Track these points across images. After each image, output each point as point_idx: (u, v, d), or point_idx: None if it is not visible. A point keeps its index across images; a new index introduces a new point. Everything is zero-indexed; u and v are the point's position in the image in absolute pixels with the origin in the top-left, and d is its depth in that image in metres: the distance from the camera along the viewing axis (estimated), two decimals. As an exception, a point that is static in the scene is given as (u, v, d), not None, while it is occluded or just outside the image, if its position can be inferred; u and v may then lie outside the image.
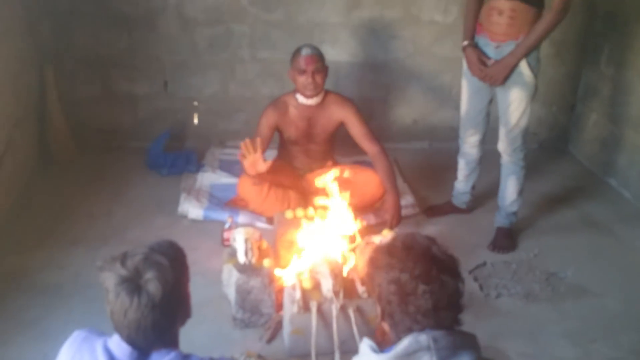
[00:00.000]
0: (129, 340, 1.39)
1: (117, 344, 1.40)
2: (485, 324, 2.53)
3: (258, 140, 2.95)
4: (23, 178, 3.48)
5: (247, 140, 2.91)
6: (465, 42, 2.97)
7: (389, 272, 1.38)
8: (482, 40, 2.94)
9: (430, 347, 1.31)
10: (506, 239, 3.17)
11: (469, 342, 1.38)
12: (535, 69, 2.88)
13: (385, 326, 1.46)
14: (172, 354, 1.40)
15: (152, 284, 1.34)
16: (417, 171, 3.99)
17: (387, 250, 1.43)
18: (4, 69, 3.25)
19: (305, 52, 3.10)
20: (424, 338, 1.32)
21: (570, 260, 3.07)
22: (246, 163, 2.96)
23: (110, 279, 1.36)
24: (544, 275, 2.94)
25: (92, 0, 3.78)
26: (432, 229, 3.29)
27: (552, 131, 4.46)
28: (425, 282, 1.34)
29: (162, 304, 1.36)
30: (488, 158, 3.34)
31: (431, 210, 3.47)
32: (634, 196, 3.70)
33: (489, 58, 2.92)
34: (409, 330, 1.36)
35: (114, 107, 4.05)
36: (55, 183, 3.61)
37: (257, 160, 2.95)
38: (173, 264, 1.40)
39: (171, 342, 1.46)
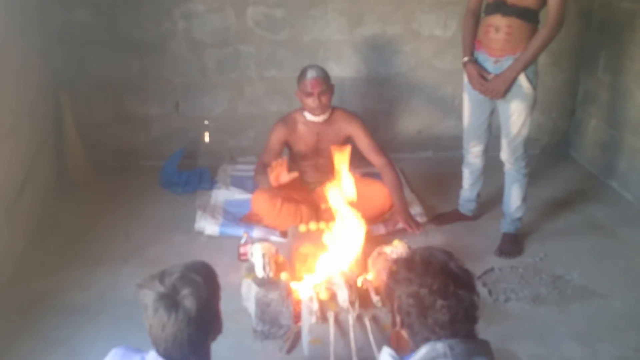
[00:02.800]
0: (166, 354, 1.51)
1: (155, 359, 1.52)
2: (496, 327, 2.63)
3: (285, 159, 3.13)
4: (43, 202, 3.60)
5: (279, 160, 3.11)
6: (466, 58, 3.09)
7: (409, 286, 1.49)
8: (481, 56, 3.06)
9: (447, 354, 1.42)
10: (512, 244, 3.28)
11: (483, 348, 1.49)
12: (533, 82, 3.00)
13: (404, 334, 1.57)
14: (206, 367, 1.52)
15: (188, 300, 1.46)
16: (423, 180, 4.10)
17: (406, 264, 1.53)
18: (23, 98, 3.38)
19: (310, 75, 3.22)
20: (440, 346, 1.43)
21: (576, 262, 3.17)
22: (272, 176, 3.10)
23: (149, 296, 1.48)
24: (551, 278, 3.04)
25: (104, 28, 3.93)
26: (440, 236, 3.40)
27: (553, 137, 4.57)
28: (443, 297, 1.45)
29: (197, 319, 1.47)
30: (492, 165, 3.46)
31: (438, 219, 3.58)
32: (635, 198, 3.80)
33: (488, 73, 3.04)
34: (427, 340, 1.46)
35: (127, 128, 4.18)
36: (74, 205, 3.73)
37: (281, 172, 3.10)
38: (207, 281, 1.53)
39: (204, 356, 1.57)
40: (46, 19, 3.80)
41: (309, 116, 3.32)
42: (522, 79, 2.97)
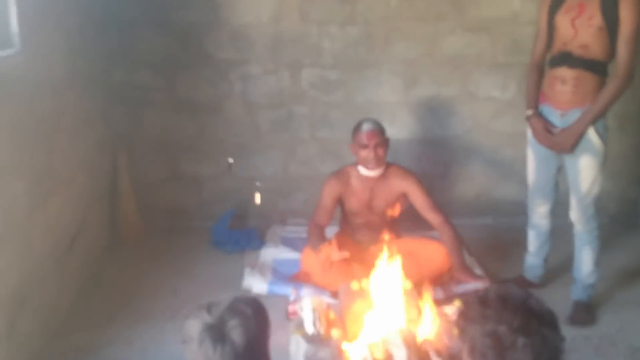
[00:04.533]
0: (209, 390, 1.37)
1: (200, 399, 1.37)
2: None
3: (334, 241, 3.08)
4: (94, 257, 3.58)
5: (326, 242, 3.08)
6: (530, 112, 2.98)
7: (484, 324, 1.31)
8: (547, 109, 2.94)
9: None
10: (584, 313, 3.01)
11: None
12: (604, 137, 2.85)
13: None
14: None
15: (236, 332, 1.34)
16: (482, 246, 3.88)
17: (481, 301, 1.36)
18: (83, 155, 3.44)
19: (366, 127, 3.17)
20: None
21: (657, 335, 2.87)
22: (322, 256, 3.03)
23: (194, 326, 1.36)
24: (630, 350, 2.75)
25: (163, 89, 4.02)
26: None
27: (622, 206, 4.31)
28: (525, 335, 1.27)
29: (245, 354, 1.34)
30: (559, 234, 3.26)
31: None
32: None
33: (554, 126, 2.91)
34: (507, 384, 1.27)
35: (180, 188, 4.19)
36: (124, 262, 3.70)
37: (332, 252, 3.03)
38: (256, 315, 1.40)
39: (251, 397, 1.42)
40: (108, 78, 3.92)
41: (363, 171, 3.23)
42: (592, 133, 2.82)
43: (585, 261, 3.03)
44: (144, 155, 4.10)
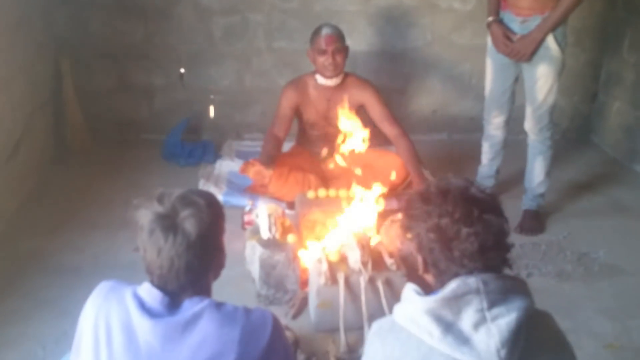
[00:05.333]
0: (160, 283, 1.33)
1: (148, 291, 1.34)
2: None
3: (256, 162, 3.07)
4: (39, 166, 3.45)
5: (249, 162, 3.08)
6: (490, 18, 2.91)
7: (427, 219, 1.29)
8: (507, 16, 2.88)
9: (480, 290, 1.22)
10: (534, 221, 3.08)
11: (520, 287, 1.29)
12: (562, 45, 2.82)
13: (429, 278, 1.37)
14: (206, 302, 1.33)
15: (188, 222, 1.29)
16: (437, 162, 3.89)
17: (422, 197, 1.33)
18: (20, 57, 3.23)
19: (325, 31, 3.05)
20: (472, 280, 1.23)
21: (601, 241, 2.97)
22: (251, 175, 3.03)
23: (145, 217, 1.31)
24: (576, 255, 2.85)
25: (108, -10, 3.77)
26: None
27: (574, 121, 4.37)
28: (467, 225, 1.25)
29: (197, 245, 1.30)
30: (513, 148, 3.29)
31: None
32: (662, 181, 3.61)
33: (514, 34, 2.86)
34: (456, 276, 1.27)
35: (129, 98, 4.01)
36: (72, 172, 3.57)
37: (259, 171, 3.03)
38: (209, 205, 1.35)
39: (204, 291, 1.39)
40: (48, -24, 3.65)
41: (320, 79, 3.14)
42: (551, 41, 2.79)
43: (536, 171, 3.08)
44: (89, 63, 3.88)
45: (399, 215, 2.60)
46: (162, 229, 1.30)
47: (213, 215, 1.37)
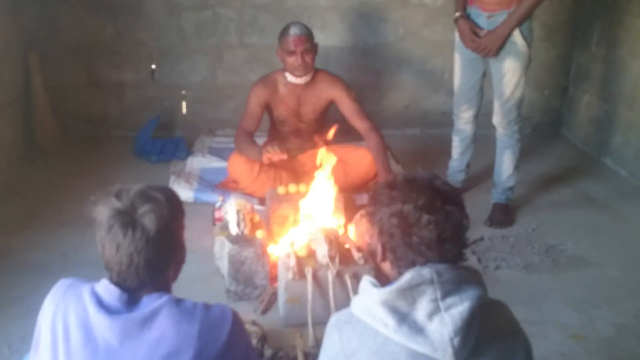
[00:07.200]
0: (119, 280, 1.32)
1: (105, 288, 1.32)
2: None
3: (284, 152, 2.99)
4: (8, 164, 3.40)
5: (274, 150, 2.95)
6: (457, 14, 2.93)
7: (391, 204, 1.31)
8: (474, 11, 2.91)
9: (434, 280, 1.24)
10: (503, 214, 3.12)
11: (474, 277, 1.31)
12: (528, 39, 2.85)
13: (386, 266, 1.39)
14: (165, 298, 1.32)
15: (147, 217, 1.28)
16: (410, 156, 3.92)
17: (389, 184, 1.36)
18: (-14, 52, 3.18)
19: (293, 32, 3.03)
20: (427, 271, 1.25)
21: (569, 234, 3.02)
22: (265, 157, 2.97)
23: (103, 213, 1.29)
24: (544, 247, 2.89)
25: (77, -15, 3.73)
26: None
27: (545, 115, 4.43)
28: (429, 212, 1.28)
29: (156, 240, 1.29)
30: (483, 143, 3.31)
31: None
32: (630, 174, 3.66)
33: (481, 29, 2.89)
34: (412, 264, 1.29)
35: (100, 95, 3.98)
36: (42, 170, 3.53)
37: (274, 154, 2.96)
38: (169, 201, 1.34)
39: (163, 287, 1.38)
40: (15, -29, 3.59)
41: (290, 77, 3.12)
42: (517, 36, 2.82)
43: (505, 165, 3.11)
44: (58, 59, 3.84)
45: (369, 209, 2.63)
46: (121, 225, 1.29)
47: (173, 211, 1.36)
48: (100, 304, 1.31)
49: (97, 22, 3.82)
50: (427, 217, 1.27)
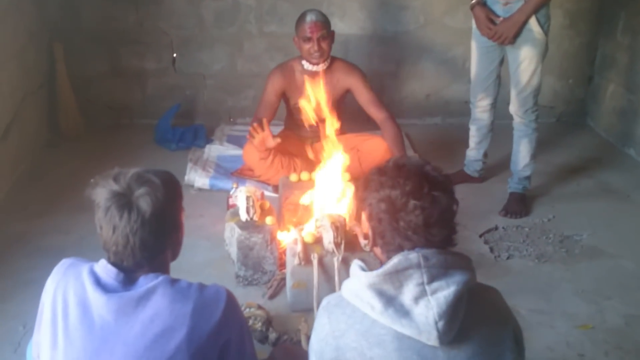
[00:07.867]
0: (116, 260, 1.37)
1: (103, 267, 1.37)
2: (495, 282, 2.37)
3: (264, 121, 2.96)
4: (31, 151, 3.49)
5: (255, 125, 2.94)
6: (474, 1, 2.90)
7: (380, 190, 1.33)
8: (491, -1, 2.87)
9: (421, 264, 1.25)
10: (519, 204, 3.08)
11: (462, 262, 1.31)
12: (545, 26, 2.81)
13: (377, 251, 1.41)
14: (161, 278, 1.36)
15: (143, 199, 1.33)
16: (429, 146, 3.90)
17: (378, 170, 1.38)
18: (11, 42, 3.26)
19: (310, 18, 3.04)
20: (414, 256, 1.26)
21: (586, 224, 2.97)
22: (255, 142, 2.96)
23: (101, 194, 1.35)
24: (558, 238, 2.86)
25: (99, -25, 3.79)
26: (442, 196, 3.21)
27: (569, 105, 4.34)
28: (416, 198, 1.28)
29: (152, 222, 1.33)
30: (502, 132, 3.28)
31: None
32: (653, 165, 3.59)
33: (497, 16, 2.85)
34: (400, 249, 1.30)
35: (122, 83, 4.05)
36: (64, 157, 3.61)
37: (266, 138, 2.95)
38: (165, 184, 1.38)
39: (161, 268, 1.42)
40: (39, -38, 3.68)
41: (307, 65, 3.14)
42: (533, 23, 2.77)
43: (522, 154, 3.07)
44: (81, 48, 3.91)
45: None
46: (117, 206, 1.33)
47: (169, 194, 1.39)
48: (98, 282, 1.35)
49: (120, 11, 3.88)
50: (414, 203, 1.27)
